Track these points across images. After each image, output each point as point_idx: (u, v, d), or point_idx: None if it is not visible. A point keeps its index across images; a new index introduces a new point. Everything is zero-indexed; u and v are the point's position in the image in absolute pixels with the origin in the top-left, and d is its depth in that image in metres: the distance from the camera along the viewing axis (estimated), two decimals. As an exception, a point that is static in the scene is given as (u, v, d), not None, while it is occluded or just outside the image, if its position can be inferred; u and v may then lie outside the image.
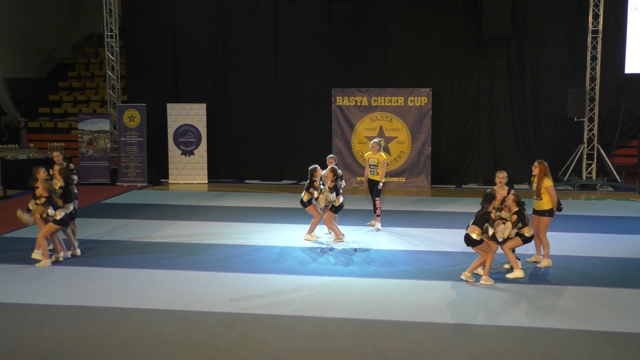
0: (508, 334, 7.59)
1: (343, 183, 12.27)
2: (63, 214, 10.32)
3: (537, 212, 10.25)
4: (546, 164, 10.37)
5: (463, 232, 12.21)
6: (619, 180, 17.51)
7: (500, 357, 7.00)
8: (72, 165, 11.35)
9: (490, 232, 9.40)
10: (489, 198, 9.45)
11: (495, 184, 10.50)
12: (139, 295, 9.01)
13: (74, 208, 10.79)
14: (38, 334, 7.65)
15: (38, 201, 10.26)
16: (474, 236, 9.42)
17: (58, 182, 10.68)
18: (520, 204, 9.76)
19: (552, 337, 7.49)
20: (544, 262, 10.21)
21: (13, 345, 7.33)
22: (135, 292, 9.15)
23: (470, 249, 11.05)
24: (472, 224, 9.49)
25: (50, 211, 10.22)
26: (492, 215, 9.46)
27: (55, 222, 10.26)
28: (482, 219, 9.41)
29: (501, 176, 10.46)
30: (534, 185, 10.23)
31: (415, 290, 9.21)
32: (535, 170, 10.26)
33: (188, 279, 9.70)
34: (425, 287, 9.34)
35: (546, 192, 10.09)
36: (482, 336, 7.52)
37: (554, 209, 10.19)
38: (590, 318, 8.14)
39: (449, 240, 11.97)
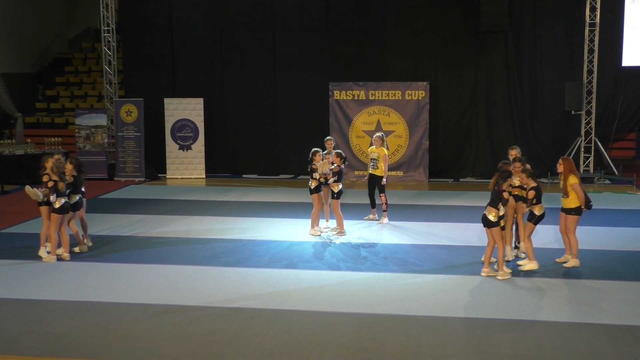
0: (506, 327, 7.61)
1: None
2: (63, 201, 10.23)
3: (564, 210, 9.94)
4: (571, 160, 10.13)
5: (461, 225, 12.24)
6: (617, 173, 17.53)
7: (498, 350, 7.01)
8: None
9: (502, 211, 9.24)
10: (505, 176, 9.30)
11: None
12: (137, 290, 9.01)
13: (80, 198, 10.76)
14: (37, 329, 7.65)
15: (46, 186, 10.24)
16: (491, 218, 9.27)
17: (68, 172, 10.60)
18: (532, 175, 9.51)
19: (549, 330, 7.51)
20: (572, 262, 9.89)
21: (11, 341, 7.33)
22: (134, 287, 9.15)
23: (467, 243, 11.10)
24: (488, 204, 9.35)
25: (52, 197, 10.19)
26: (505, 195, 9.26)
27: (55, 210, 10.21)
28: (496, 199, 9.25)
29: (514, 153, 10.39)
30: (561, 183, 9.96)
31: (413, 284, 9.22)
32: (560, 168, 9.94)
33: (187, 273, 9.70)
34: (423, 281, 9.35)
35: (572, 190, 9.76)
36: (480, 329, 7.54)
37: (582, 207, 9.85)
38: (588, 311, 8.16)
39: (447, 233, 11.99)
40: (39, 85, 23.78)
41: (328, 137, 13.02)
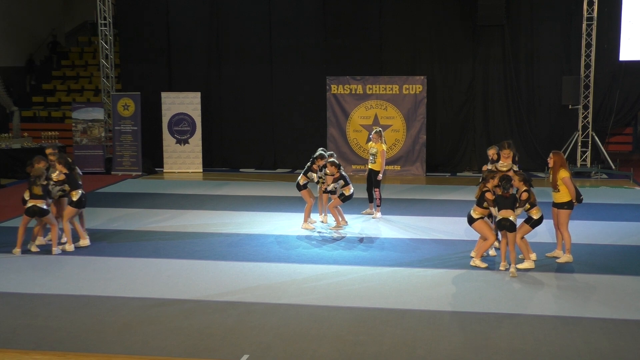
0: (502, 321, 7.62)
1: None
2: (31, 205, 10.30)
3: (555, 205, 9.85)
4: (562, 154, 10.03)
5: (458, 219, 12.24)
6: (613, 167, 17.55)
7: (495, 343, 7.02)
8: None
9: (494, 212, 9.43)
10: (509, 180, 9.38)
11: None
12: (134, 283, 9.01)
13: (83, 193, 10.76)
14: (33, 322, 7.65)
15: (53, 179, 10.37)
16: (513, 220, 9.28)
17: (59, 172, 10.62)
18: (527, 182, 9.52)
19: (545, 324, 7.52)
20: (564, 258, 9.82)
21: (7, 334, 7.32)
22: (131, 280, 9.15)
23: (463, 238, 11.12)
24: (503, 209, 9.36)
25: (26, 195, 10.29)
26: (524, 196, 9.38)
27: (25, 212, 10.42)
28: (511, 201, 9.34)
29: (492, 152, 10.55)
30: (551, 177, 9.89)
31: (410, 278, 9.23)
32: (551, 162, 9.85)
33: (183, 267, 9.70)
34: (420, 275, 9.36)
35: (563, 184, 9.69)
36: (476, 323, 7.55)
37: (574, 201, 9.78)
38: (583, 305, 8.18)
39: (444, 228, 12.00)
40: (29, 75, 24.00)
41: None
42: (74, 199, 10.55)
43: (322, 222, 12.33)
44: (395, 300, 8.30)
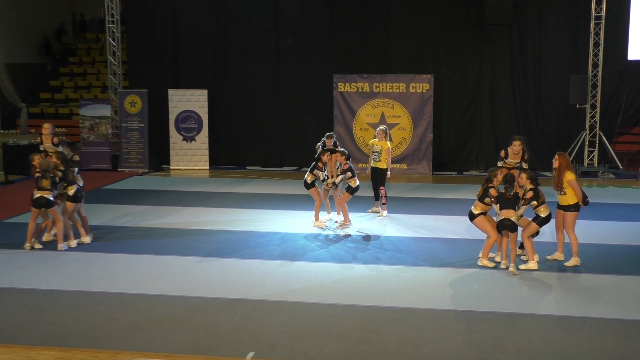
0: (508, 321, 7.61)
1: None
2: (37, 195, 10.34)
3: (562, 207, 9.70)
4: (567, 155, 9.88)
5: (464, 219, 12.23)
6: (621, 167, 17.48)
7: (500, 343, 7.01)
8: (76, 157, 11.32)
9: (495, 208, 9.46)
10: (512, 180, 9.39)
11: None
12: (141, 280, 9.04)
13: (79, 188, 10.79)
14: (39, 318, 7.68)
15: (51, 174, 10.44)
16: (515, 220, 9.29)
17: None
18: (534, 180, 9.48)
19: (551, 323, 7.51)
20: (572, 261, 9.66)
21: (14, 330, 7.36)
22: (137, 277, 9.17)
23: (470, 237, 11.10)
24: (505, 208, 9.37)
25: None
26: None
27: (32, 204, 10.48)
28: (513, 200, 9.33)
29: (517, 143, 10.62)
30: (555, 179, 9.71)
31: (415, 277, 9.23)
32: (555, 164, 9.69)
33: (190, 264, 9.72)
34: (426, 273, 9.36)
35: (569, 186, 9.57)
36: (482, 322, 7.54)
37: (580, 203, 9.64)
38: (590, 305, 8.16)
39: (450, 227, 11.98)
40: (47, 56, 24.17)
41: (328, 133, 12.90)
42: (70, 193, 10.60)
43: (332, 220, 12.33)
44: (400, 299, 8.30)
